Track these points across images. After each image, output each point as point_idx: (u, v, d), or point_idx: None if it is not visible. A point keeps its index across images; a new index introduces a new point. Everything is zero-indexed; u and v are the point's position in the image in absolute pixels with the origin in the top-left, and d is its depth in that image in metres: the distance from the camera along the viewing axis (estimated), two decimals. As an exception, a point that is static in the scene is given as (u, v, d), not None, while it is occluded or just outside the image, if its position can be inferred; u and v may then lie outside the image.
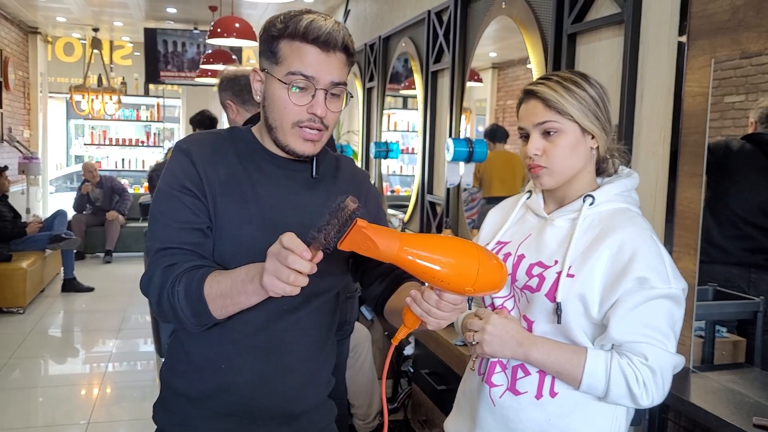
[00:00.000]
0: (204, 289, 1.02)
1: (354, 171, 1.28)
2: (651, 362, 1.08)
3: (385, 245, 0.88)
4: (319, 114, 1.08)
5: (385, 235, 0.89)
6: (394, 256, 0.89)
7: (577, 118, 1.16)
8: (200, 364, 1.15)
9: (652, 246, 1.12)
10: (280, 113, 1.09)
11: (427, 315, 0.95)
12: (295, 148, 1.11)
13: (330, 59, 1.07)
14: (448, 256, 0.91)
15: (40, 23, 7.96)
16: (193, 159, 1.12)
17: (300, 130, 1.09)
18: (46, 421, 3.37)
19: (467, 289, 0.92)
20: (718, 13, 1.50)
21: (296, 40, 1.06)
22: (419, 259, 0.90)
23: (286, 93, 1.08)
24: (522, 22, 2.39)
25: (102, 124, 9.97)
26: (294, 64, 1.06)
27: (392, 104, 4.38)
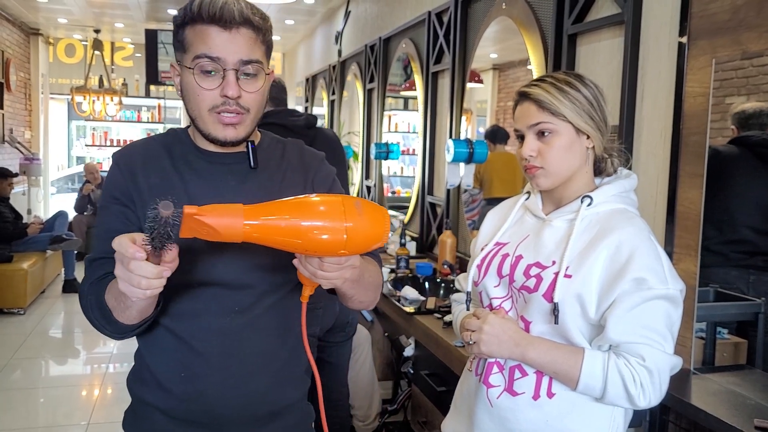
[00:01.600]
0: (106, 296, 1.01)
1: (301, 156, 1.21)
2: (648, 363, 1.08)
3: (225, 226, 0.82)
4: (230, 95, 1.03)
5: (223, 216, 0.82)
6: (240, 235, 0.83)
7: (570, 118, 1.16)
8: (161, 373, 1.12)
9: (650, 246, 1.12)
10: (194, 101, 1.06)
11: (315, 277, 0.92)
12: (216, 135, 1.07)
13: (234, 37, 1.03)
14: (309, 222, 0.83)
15: (41, 24, 7.97)
16: (121, 168, 1.12)
17: (217, 115, 1.05)
18: (46, 422, 3.37)
19: (341, 252, 0.86)
20: (718, 13, 1.49)
21: (197, 23, 1.03)
22: (273, 234, 0.83)
23: (196, 79, 1.04)
24: (522, 23, 2.38)
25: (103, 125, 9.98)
26: (198, 47, 1.03)
27: (393, 105, 4.38)
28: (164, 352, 1.12)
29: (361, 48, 4.66)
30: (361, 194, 4.75)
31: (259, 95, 1.08)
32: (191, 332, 1.10)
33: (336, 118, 5.50)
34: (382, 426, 2.89)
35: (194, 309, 1.09)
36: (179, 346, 1.10)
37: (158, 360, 1.13)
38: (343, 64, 5.32)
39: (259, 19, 1.05)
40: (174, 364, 1.11)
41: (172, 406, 1.12)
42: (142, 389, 1.16)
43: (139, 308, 0.99)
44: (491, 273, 1.26)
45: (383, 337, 3.24)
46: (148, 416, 1.15)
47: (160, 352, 1.13)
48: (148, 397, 1.14)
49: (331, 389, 2.45)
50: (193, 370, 1.10)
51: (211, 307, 1.09)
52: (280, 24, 7.17)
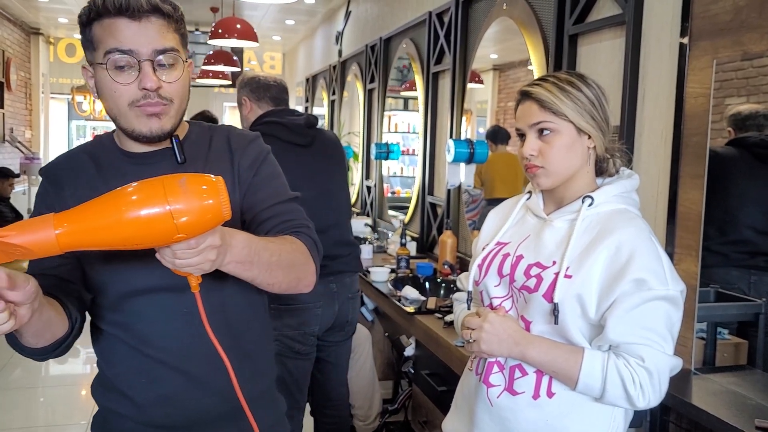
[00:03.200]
0: None
1: (228, 140, 1.15)
2: (648, 364, 1.08)
3: (36, 241, 0.75)
4: (149, 87, 0.98)
5: (33, 230, 0.75)
6: (57, 247, 0.76)
7: (571, 117, 1.16)
8: (120, 383, 1.11)
9: (651, 247, 1.12)
10: (112, 99, 1.01)
11: (180, 268, 0.86)
12: (141, 129, 1.02)
13: (145, 26, 0.98)
14: (127, 215, 0.76)
15: (42, 24, 7.98)
16: (49, 181, 1.09)
17: (138, 108, 1.00)
18: (46, 421, 3.37)
19: (178, 237, 0.78)
20: (720, 14, 1.50)
21: (104, 17, 0.98)
22: (93, 237, 0.76)
23: (110, 75, 0.99)
24: (523, 23, 2.38)
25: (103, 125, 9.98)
26: (108, 42, 0.98)
27: (393, 105, 4.38)
28: (121, 361, 1.10)
29: (362, 48, 4.66)
30: (361, 194, 4.74)
31: (180, 85, 1.03)
32: (144, 340, 1.07)
33: (336, 118, 5.50)
34: (382, 426, 2.89)
35: (143, 316, 1.07)
36: (135, 354, 1.08)
37: (117, 369, 1.11)
38: (343, 64, 5.32)
39: (169, 7, 1.01)
40: (133, 372, 1.09)
41: (138, 412, 1.10)
42: (106, 397, 1.14)
43: (32, 334, 0.94)
44: (492, 272, 1.26)
45: (384, 337, 3.24)
46: (116, 422, 1.13)
47: (118, 361, 1.11)
48: (113, 405, 1.13)
49: (331, 389, 2.45)
50: (153, 376, 1.08)
51: (159, 312, 1.07)
52: (281, 24, 7.17)
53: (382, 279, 2.79)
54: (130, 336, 1.08)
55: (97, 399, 1.17)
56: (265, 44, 8.65)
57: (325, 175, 2.28)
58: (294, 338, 2.17)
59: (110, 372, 1.12)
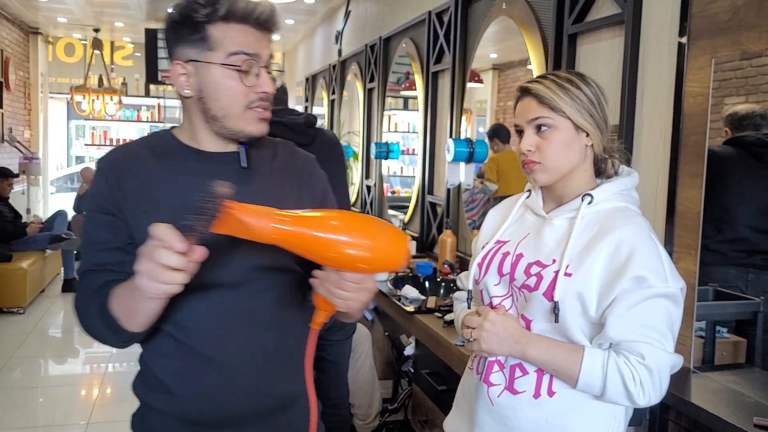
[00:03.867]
0: (110, 304, 1.01)
1: (293, 158, 1.22)
2: (648, 362, 1.08)
3: (257, 224, 0.84)
4: (270, 91, 1.07)
5: (256, 214, 0.84)
6: (269, 235, 0.85)
7: (569, 114, 1.17)
8: (166, 378, 1.12)
9: (650, 245, 1.12)
10: (228, 99, 1.05)
11: (332, 296, 0.93)
12: (252, 131, 1.08)
13: (264, 36, 1.07)
14: (334, 233, 0.86)
15: (41, 24, 7.97)
16: (107, 176, 1.10)
17: (252, 111, 1.07)
18: (46, 421, 3.37)
19: (361, 267, 0.88)
20: (718, 14, 1.50)
21: (231, 21, 1.03)
22: (298, 238, 0.85)
23: (231, 77, 1.04)
24: (522, 23, 2.39)
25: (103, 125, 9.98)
26: (234, 44, 1.03)
27: (393, 105, 4.38)
28: (167, 356, 1.12)
29: (362, 48, 4.66)
30: (361, 194, 4.75)
31: None
32: (193, 335, 1.09)
33: (336, 117, 5.50)
34: (382, 425, 2.90)
35: (194, 312, 1.09)
36: (182, 349, 1.10)
37: (162, 364, 1.13)
38: (343, 63, 5.32)
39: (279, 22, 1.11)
40: (178, 367, 1.11)
41: (180, 408, 1.12)
42: (148, 394, 1.15)
43: (148, 313, 0.99)
44: (492, 271, 1.27)
45: (383, 336, 3.25)
46: (156, 419, 1.15)
47: (163, 356, 1.12)
48: (155, 401, 1.14)
49: (331, 388, 2.45)
50: (198, 373, 1.10)
51: (211, 309, 1.09)
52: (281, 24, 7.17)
53: (382, 278, 2.79)
54: (182, 332, 1.09)
55: (139, 396, 1.19)
56: (265, 44, 8.63)
57: None
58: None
59: (156, 367, 1.13)
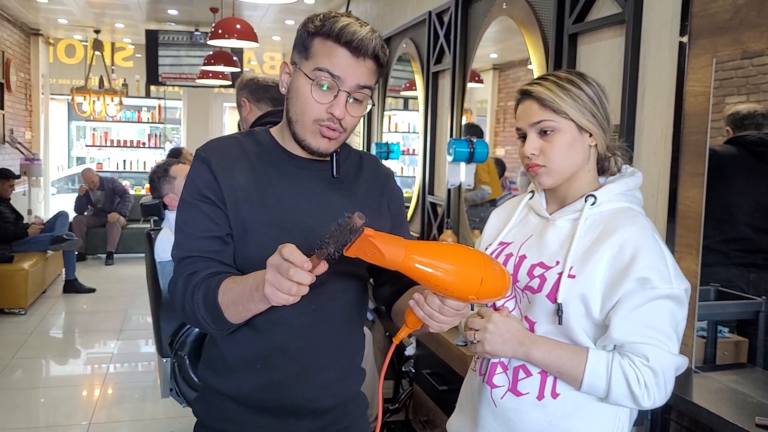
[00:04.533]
0: (218, 296, 1.04)
1: (377, 170, 1.29)
2: (652, 363, 1.08)
3: (391, 253, 0.90)
4: (337, 115, 1.09)
5: (391, 244, 0.90)
6: (399, 264, 0.91)
7: (572, 116, 1.16)
8: (236, 364, 1.17)
9: (654, 246, 1.11)
10: (301, 107, 1.11)
11: (430, 319, 0.97)
12: (311, 143, 1.12)
13: (359, 64, 1.08)
14: (453, 265, 0.92)
15: (41, 25, 7.97)
16: (212, 166, 1.14)
17: (319, 126, 1.10)
18: (47, 422, 3.37)
19: (470, 297, 0.94)
20: (719, 13, 1.50)
21: (329, 39, 1.08)
22: (424, 267, 0.91)
23: (310, 88, 1.09)
24: (523, 23, 2.39)
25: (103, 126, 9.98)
26: (323, 61, 1.08)
27: (393, 105, 4.38)
28: (241, 344, 1.16)
29: (362, 48, 4.66)
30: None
31: (358, 119, 1.14)
32: (271, 327, 1.14)
33: (336, 118, 5.49)
34: (383, 425, 2.90)
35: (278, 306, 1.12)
36: (257, 339, 1.15)
37: (235, 351, 1.17)
38: (343, 64, 5.32)
39: (384, 57, 1.12)
40: (250, 355, 1.16)
41: (245, 394, 1.17)
42: (215, 378, 1.20)
43: (257, 311, 1.03)
44: (494, 273, 1.26)
45: (384, 337, 3.25)
46: (220, 404, 1.20)
47: (237, 344, 1.16)
48: (221, 386, 1.19)
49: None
50: (269, 362, 1.15)
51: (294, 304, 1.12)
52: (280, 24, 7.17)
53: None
54: (260, 323, 1.13)
55: (206, 380, 1.23)
56: (265, 44, 8.64)
57: None
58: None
59: (228, 353, 1.18)
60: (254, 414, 1.18)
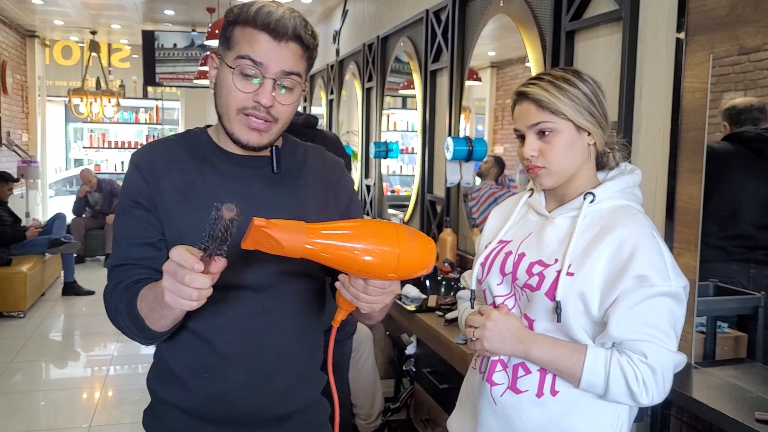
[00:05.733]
0: (138, 304, 1.01)
1: (324, 162, 1.22)
2: (651, 361, 1.08)
3: (290, 241, 0.85)
4: (263, 103, 1.03)
5: (289, 231, 0.86)
6: (301, 251, 0.86)
7: (570, 116, 1.16)
8: (183, 374, 1.12)
9: (653, 243, 1.11)
10: (225, 98, 1.06)
11: (357, 300, 0.94)
12: (239, 136, 1.07)
13: (281, 48, 1.03)
14: (363, 244, 0.88)
15: (37, 27, 7.96)
16: (143, 171, 1.10)
17: (245, 117, 1.05)
18: (48, 425, 3.37)
19: (390, 275, 0.90)
20: (715, 9, 1.50)
21: (248, 26, 1.03)
22: (330, 251, 0.87)
23: (234, 78, 1.04)
24: (520, 20, 2.39)
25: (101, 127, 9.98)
26: (244, 48, 1.03)
27: (391, 104, 4.38)
28: (187, 353, 1.12)
29: (359, 47, 4.66)
30: (361, 193, 4.75)
31: (291, 108, 1.09)
32: (215, 334, 1.10)
33: (335, 117, 5.49)
34: (384, 424, 2.90)
35: (218, 311, 1.09)
36: (202, 347, 1.10)
37: (181, 360, 1.13)
38: (341, 63, 5.32)
39: (309, 38, 1.06)
40: (197, 364, 1.11)
41: (195, 405, 1.12)
42: (163, 389, 1.16)
43: (174, 317, 1.00)
44: (494, 271, 1.26)
45: (384, 336, 3.25)
46: (170, 415, 1.15)
47: (183, 353, 1.12)
48: (170, 396, 1.14)
49: (333, 388, 2.45)
50: (217, 371, 1.10)
51: (235, 309, 1.10)
52: (277, 24, 7.15)
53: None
54: (203, 329, 1.10)
55: (153, 390, 1.18)
56: (262, 44, 8.63)
57: None
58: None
59: (174, 362, 1.13)
60: (205, 425, 1.12)
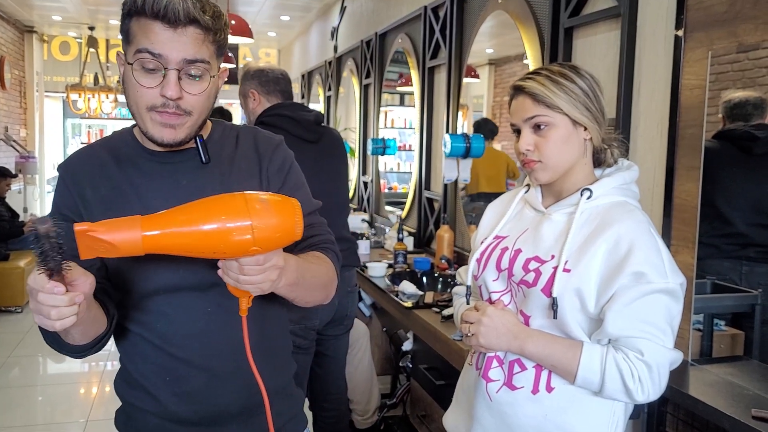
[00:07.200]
0: None
1: (255, 143, 1.15)
2: (647, 357, 1.08)
3: (122, 240, 0.80)
4: (170, 96, 0.97)
5: (121, 229, 0.80)
6: (140, 247, 0.81)
7: (566, 110, 1.16)
8: (145, 380, 1.11)
9: (650, 240, 1.11)
10: (133, 97, 1.00)
11: (240, 284, 0.89)
12: (153, 134, 1.01)
13: (179, 35, 0.96)
14: (210, 225, 0.81)
15: (35, 22, 7.93)
16: (68, 182, 1.08)
17: (156, 114, 1.00)
18: (45, 419, 3.37)
19: (254, 249, 0.83)
20: (714, 5, 1.50)
21: (142, 16, 0.97)
22: (175, 242, 0.81)
23: (137, 74, 0.98)
24: (518, 17, 2.38)
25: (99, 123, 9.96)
26: (141, 41, 0.97)
27: (389, 101, 4.37)
28: (144, 358, 1.10)
29: (357, 43, 4.65)
30: (358, 190, 4.74)
31: (203, 98, 1.02)
32: (167, 338, 1.08)
33: (332, 114, 5.49)
34: (381, 420, 2.90)
35: (165, 315, 1.08)
36: (158, 352, 1.09)
37: (140, 366, 1.11)
38: (339, 59, 5.31)
39: (209, 18, 0.98)
40: (156, 369, 1.10)
41: (162, 408, 1.11)
42: (130, 393, 1.14)
43: (79, 332, 0.96)
44: (490, 267, 1.26)
45: (381, 332, 3.25)
46: (140, 417, 1.14)
47: (141, 359, 1.11)
48: (137, 401, 1.13)
49: (331, 382, 2.46)
50: (178, 374, 1.09)
51: (182, 311, 1.07)
52: (276, 20, 7.15)
53: (380, 274, 2.79)
54: (154, 335, 1.08)
55: (121, 395, 1.17)
56: (261, 40, 8.62)
57: (329, 172, 2.30)
58: (295, 333, 2.18)
59: (134, 370, 1.12)
60: (175, 425, 1.11)
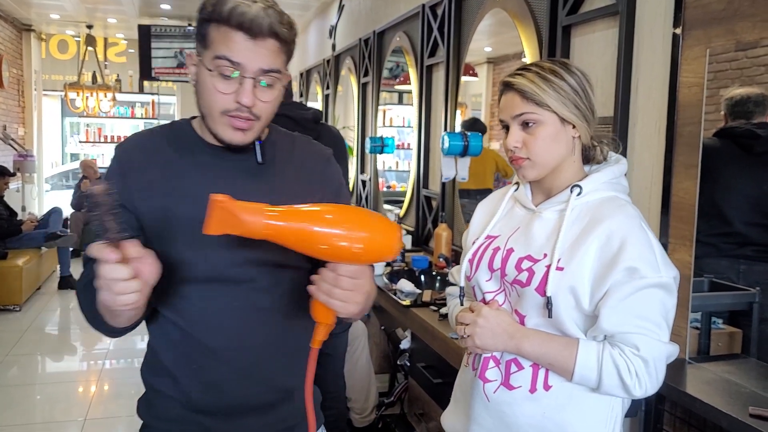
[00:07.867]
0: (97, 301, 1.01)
1: (311, 152, 1.22)
2: (643, 352, 1.08)
3: (248, 221, 0.87)
4: (245, 103, 1.02)
5: (248, 212, 0.87)
6: (260, 232, 0.87)
7: (554, 108, 1.15)
8: (173, 367, 1.13)
9: (641, 235, 1.11)
10: (208, 100, 1.05)
11: (330, 297, 0.93)
12: (224, 136, 1.07)
13: (258, 46, 1.01)
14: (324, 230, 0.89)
15: (33, 21, 7.92)
16: (123, 165, 1.11)
17: (229, 118, 1.05)
18: (43, 418, 3.37)
19: (355, 257, 0.91)
20: (712, 3, 1.49)
21: (223, 24, 1.01)
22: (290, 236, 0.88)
23: (214, 79, 1.03)
24: (516, 15, 2.38)
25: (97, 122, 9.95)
26: (221, 48, 1.02)
27: (387, 100, 4.37)
28: (174, 345, 1.13)
29: (356, 42, 4.65)
30: (357, 188, 4.74)
31: (272, 104, 1.08)
32: (198, 328, 1.10)
33: (331, 112, 5.48)
34: (378, 419, 2.90)
35: (199, 305, 1.10)
36: (187, 340, 1.11)
37: (169, 353, 1.14)
38: (337, 58, 5.31)
39: (285, 31, 1.04)
40: (184, 356, 1.12)
41: (186, 395, 1.13)
42: (155, 379, 1.17)
43: (127, 317, 1.00)
44: (483, 267, 1.25)
45: (379, 331, 3.25)
46: (162, 403, 1.17)
47: (170, 345, 1.13)
48: (161, 386, 1.16)
49: (328, 381, 2.45)
50: (205, 363, 1.11)
51: (216, 302, 1.10)
52: (274, 18, 7.13)
53: (378, 272, 2.79)
54: (187, 323, 1.10)
55: (147, 380, 1.20)
56: (259, 39, 8.61)
57: None
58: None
59: (163, 354, 1.15)
60: (197, 414, 1.14)
